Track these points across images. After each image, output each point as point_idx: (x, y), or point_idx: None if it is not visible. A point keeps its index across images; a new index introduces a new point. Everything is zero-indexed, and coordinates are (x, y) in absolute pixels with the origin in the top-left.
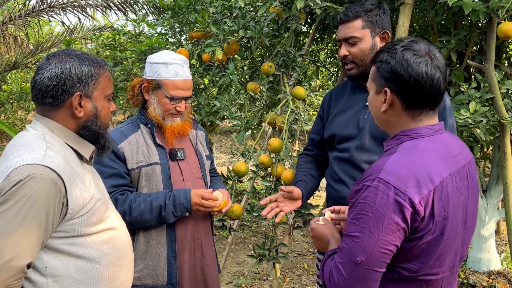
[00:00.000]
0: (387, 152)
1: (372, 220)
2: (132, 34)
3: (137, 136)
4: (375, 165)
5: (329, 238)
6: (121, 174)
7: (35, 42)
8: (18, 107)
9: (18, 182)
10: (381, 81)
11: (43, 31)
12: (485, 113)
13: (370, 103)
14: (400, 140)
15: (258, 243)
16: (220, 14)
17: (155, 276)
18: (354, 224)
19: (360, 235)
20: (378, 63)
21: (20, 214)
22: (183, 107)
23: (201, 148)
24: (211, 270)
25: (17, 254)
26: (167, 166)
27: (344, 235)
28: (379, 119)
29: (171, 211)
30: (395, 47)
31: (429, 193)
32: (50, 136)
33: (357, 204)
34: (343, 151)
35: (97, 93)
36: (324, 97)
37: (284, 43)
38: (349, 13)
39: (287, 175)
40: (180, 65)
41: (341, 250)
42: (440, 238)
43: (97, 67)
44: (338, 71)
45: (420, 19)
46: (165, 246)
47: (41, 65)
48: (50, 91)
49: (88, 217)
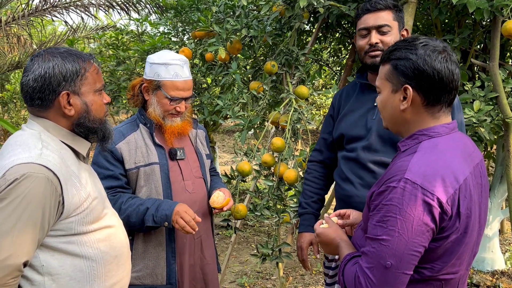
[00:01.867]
0: (406, 152)
1: (401, 222)
2: (135, 34)
3: (136, 136)
4: (397, 165)
5: (338, 241)
6: (116, 176)
7: (38, 42)
8: (21, 107)
9: (14, 181)
10: (400, 78)
11: (46, 31)
12: (489, 112)
13: (383, 103)
14: (418, 139)
15: (261, 242)
16: (223, 13)
17: (154, 275)
18: (380, 227)
19: (388, 238)
20: (394, 60)
21: (16, 212)
22: (183, 108)
23: (201, 147)
24: (211, 269)
25: (13, 253)
26: (166, 165)
27: (369, 238)
28: (394, 119)
29: (151, 213)
30: (414, 43)
31: (455, 192)
32: (46, 135)
33: (382, 206)
34: (351, 151)
35: (86, 89)
36: (334, 96)
37: (287, 42)
38: (379, 2)
39: (289, 174)
40: (180, 66)
41: (367, 254)
42: (463, 236)
43: (82, 62)
44: (341, 70)
45: (423, 18)
46: (164, 245)
47: (26, 67)
48: (37, 92)
49: (85, 215)
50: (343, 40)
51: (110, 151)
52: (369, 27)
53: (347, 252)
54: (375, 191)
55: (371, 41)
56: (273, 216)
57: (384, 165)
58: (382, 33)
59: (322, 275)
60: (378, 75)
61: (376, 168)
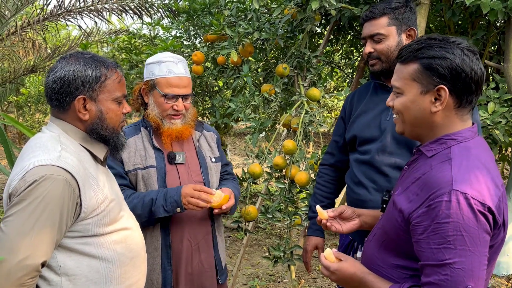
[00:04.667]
0: (435, 159)
1: (469, 238)
2: (147, 38)
3: (137, 139)
4: (437, 177)
5: (361, 276)
6: (121, 174)
7: (52, 46)
8: (36, 110)
9: (33, 182)
10: (434, 78)
11: (60, 35)
12: (503, 114)
13: (406, 105)
14: (447, 144)
15: (273, 245)
16: (235, 16)
17: (149, 281)
18: (446, 249)
19: (462, 260)
20: (427, 59)
21: (35, 214)
22: (181, 106)
23: (206, 150)
24: (208, 277)
25: (31, 253)
26: (163, 169)
27: (433, 266)
28: (419, 122)
29: (161, 204)
30: (448, 42)
31: (499, 200)
32: (64, 137)
33: (438, 226)
34: (364, 153)
35: (103, 96)
36: (346, 98)
37: (298, 45)
38: (375, 11)
39: (301, 177)
40: (174, 63)
41: (439, 285)
42: (501, 243)
43: (104, 69)
44: (353, 73)
45: (436, 20)
46: (160, 251)
47: (52, 67)
48: (55, 93)
49: (102, 217)
50: (355, 42)
51: None
52: (365, 37)
53: (388, 286)
54: (415, 211)
55: (365, 51)
56: (285, 218)
57: (399, 168)
58: (376, 41)
59: None
60: (398, 75)
61: (390, 171)
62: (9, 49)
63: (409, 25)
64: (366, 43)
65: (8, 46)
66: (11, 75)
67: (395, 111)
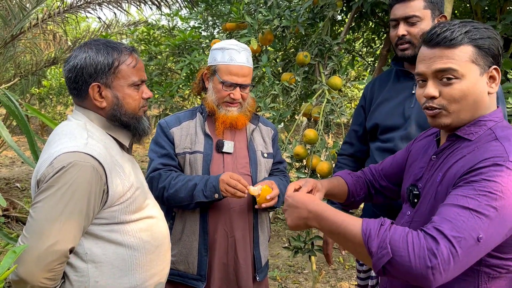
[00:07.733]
0: (478, 141)
1: (503, 201)
2: (166, 29)
3: (191, 123)
4: (490, 150)
5: (316, 203)
6: (171, 155)
7: (73, 38)
8: (57, 102)
9: (61, 169)
10: (489, 58)
11: (81, 27)
12: None
13: (467, 91)
14: (486, 125)
15: (293, 235)
16: (254, 4)
17: (187, 263)
18: (473, 199)
19: (485, 212)
20: (480, 40)
21: (63, 200)
22: (238, 95)
23: (258, 144)
24: (244, 273)
25: (60, 239)
26: (209, 156)
27: (454, 205)
28: (476, 106)
29: (201, 189)
30: (481, 23)
31: None
32: (90, 125)
33: (480, 180)
34: (387, 141)
35: (119, 82)
36: (366, 86)
37: (319, 32)
38: None
39: (322, 166)
40: (237, 51)
41: (452, 221)
42: None
43: (116, 54)
44: (375, 61)
45: (461, 5)
46: (197, 236)
47: (68, 57)
48: (72, 82)
49: (128, 204)
50: (377, 30)
51: (166, 133)
52: (398, 18)
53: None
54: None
55: (398, 33)
56: None
57: None
58: (410, 24)
59: (355, 270)
60: (449, 59)
61: None
62: (31, 42)
63: (441, 11)
64: (399, 25)
65: (30, 38)
66: (33, 67)
67: (437, 102)
